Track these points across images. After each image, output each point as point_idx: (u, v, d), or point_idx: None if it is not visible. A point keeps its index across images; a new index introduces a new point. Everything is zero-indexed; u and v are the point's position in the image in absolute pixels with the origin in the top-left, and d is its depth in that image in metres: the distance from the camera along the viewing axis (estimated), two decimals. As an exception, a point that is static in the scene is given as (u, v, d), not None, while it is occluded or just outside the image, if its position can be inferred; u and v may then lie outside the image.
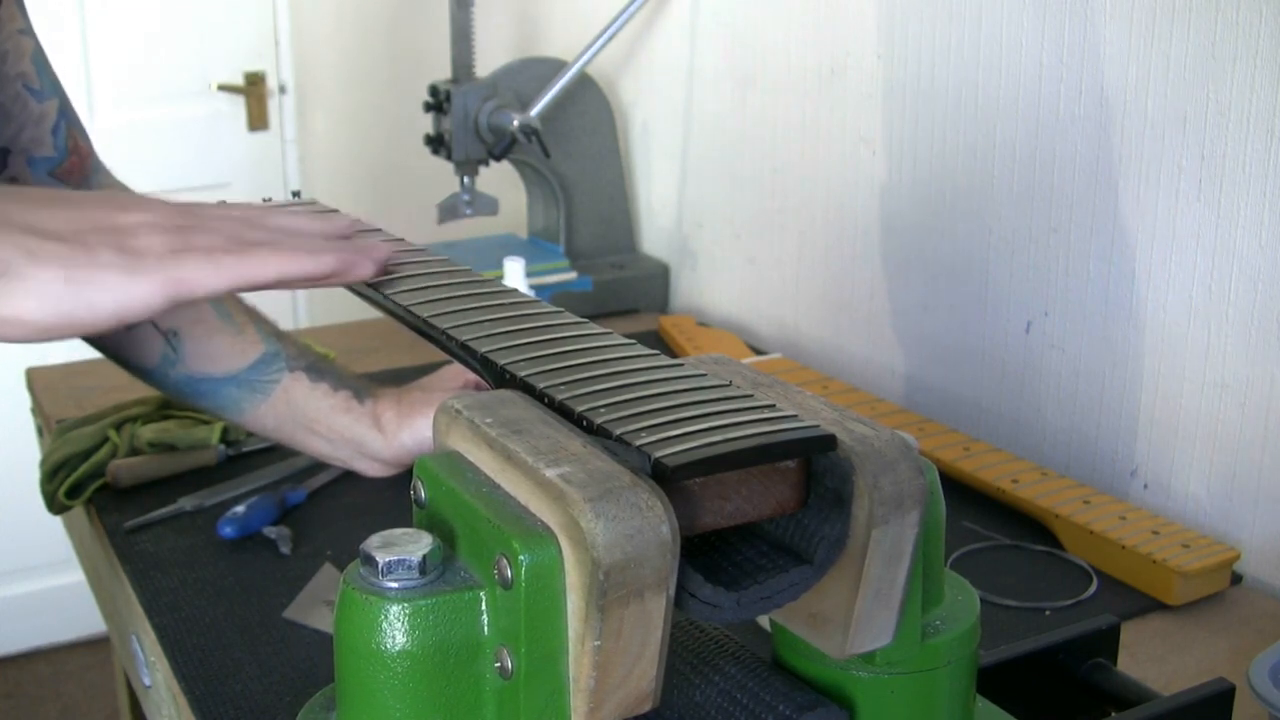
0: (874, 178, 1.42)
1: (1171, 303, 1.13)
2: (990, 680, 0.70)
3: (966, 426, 1.34)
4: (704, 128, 1.69)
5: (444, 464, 0.55)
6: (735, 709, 0.58)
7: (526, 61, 1.72)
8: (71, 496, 1.19)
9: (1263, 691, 0.75)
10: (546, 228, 1.79)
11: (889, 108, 1.39)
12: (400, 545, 0.52)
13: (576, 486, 0.48)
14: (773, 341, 1.61)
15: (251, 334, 1.00)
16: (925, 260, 1.37)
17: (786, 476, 0.53)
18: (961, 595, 0.61)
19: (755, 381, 0.59)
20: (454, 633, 0.51)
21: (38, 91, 0.96)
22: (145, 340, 0.98)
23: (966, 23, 1.28)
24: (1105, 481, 1.20)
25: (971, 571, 1.03)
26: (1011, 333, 1.28)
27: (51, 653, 2.90)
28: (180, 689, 0.92)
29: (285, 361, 1.00)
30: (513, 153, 1.65)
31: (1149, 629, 0.99)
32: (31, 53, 0.96)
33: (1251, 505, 1.09)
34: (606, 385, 0.55)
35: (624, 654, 0.49)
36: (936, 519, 0.58)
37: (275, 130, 2.94)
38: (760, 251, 1.62)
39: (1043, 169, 1.22)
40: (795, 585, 0.53)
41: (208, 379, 0.99)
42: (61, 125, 0.98)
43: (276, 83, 2.91)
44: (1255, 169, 1.04)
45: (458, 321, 0.63)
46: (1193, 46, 1.07)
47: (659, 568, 0.48)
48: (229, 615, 1.01)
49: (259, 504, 1.14)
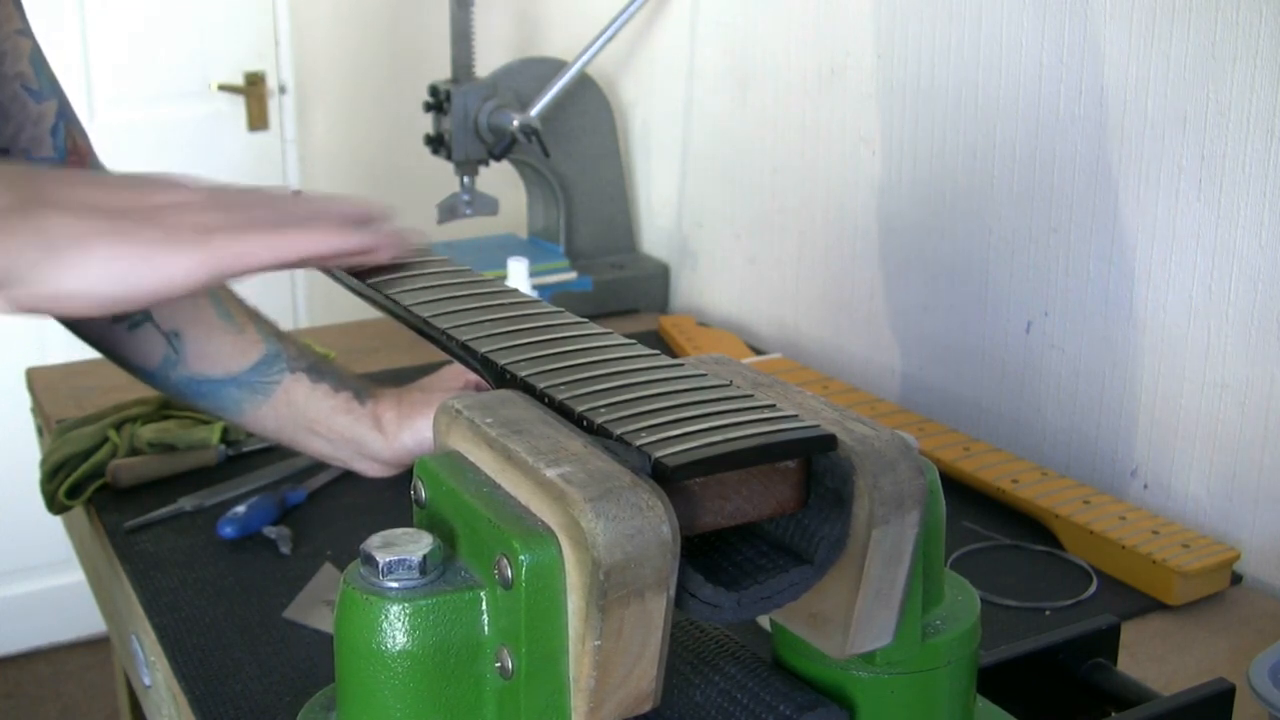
0: (874, 178, 1.42)
1: (1171, 303, 1.13)
2: (990, 680, 0.70)
3: (966, 426, 1.34)
4: (704, 128, 1.69)
5: (444, 464, 0.55)
6: (735, 709, 0.58)
7: (526, 61, 1.72)
8: (71, 496, 1.19)
9: (1263, 691, 0.75)
10: (546, 228, 1.79)
11: (889, 108, 1.39)
12: (400, 545, 0.52)
13: (577, 486, 0.48)
14: (773, 341, 1.61)
15: (252, 335, 1.00)
16: (925, 260, 1.37)
17: (787, 476, 0.53)
18: (961, 595, 0.61)
19: (755, 381, 0.59)
20: (454, 633, 0.51)
21: (36, 92, 0.96)
22: (147, 341, 0.98)
23: (966, 23, 1.28)
24: (1105, 481, 1.20)
25: (971, 571, 1.03)
26: (1011, 333, 1.28)
27: (51, 653, 2.90)
28: (180, 689, 0.92)
29: (286, 362, 1.00)
30: (513, 153, 1.65)
31: (1149, 629, 0.99)
32: (29, 53, 0.96)
33: (1251, 505, 1.09)
34: (607, 385, 0.55)
35: (624, 654, 0.49)
36: (936, 519, 0.58)
37: (275, 130, 2.94)
38: (760, 251, 1.62)
39: (1043, 169, 1.22)
40: (795, 585, 0.53)
41: (208, 380, 0.99)
42: (60, 126, 0.98)
43: (276, 83, 2.91)
44: (1255, 169, 1.04)
45: (458, 321, 0.63)
46: (1193, 46, 1.07)
47: (659, 568, 0.48)
48: (229, 615, 1.01)
49: (259, 504, 1.14)
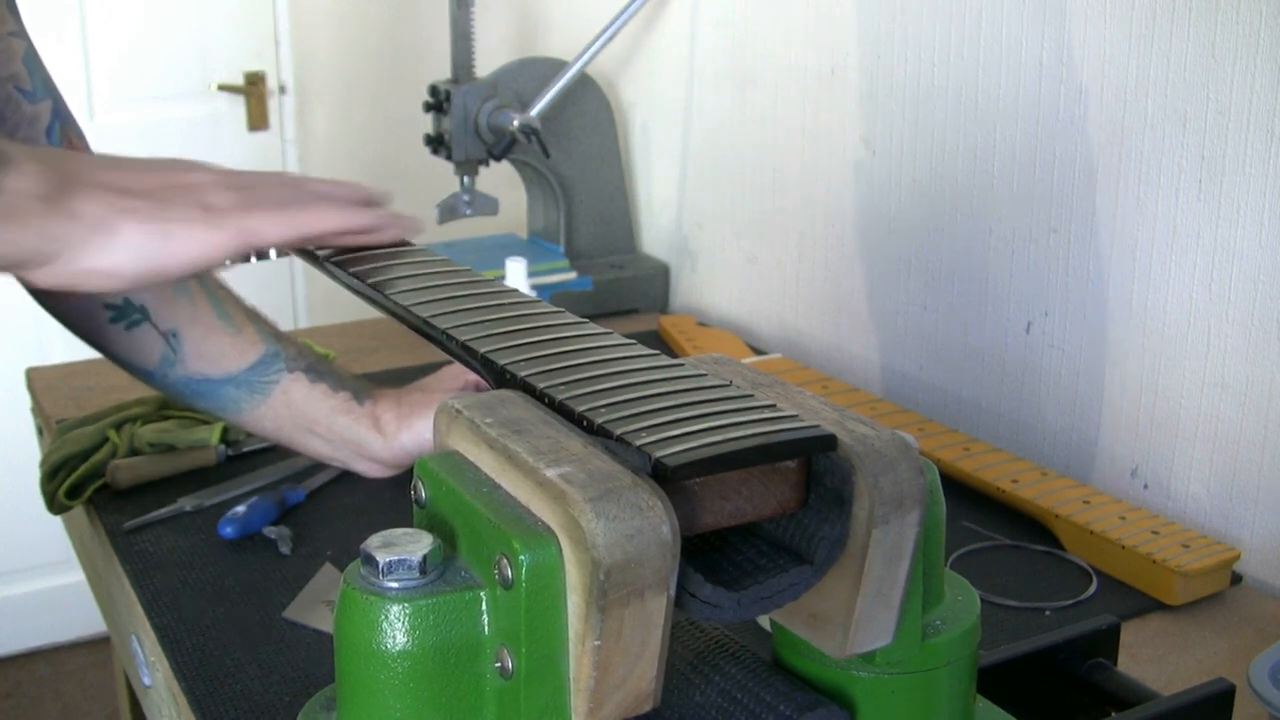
0: (874, 178, 1.42)
1: (1171, 303, 1.13)
2: (990, 680, 0.70)
3: (966, 426, 1.34)
4: (704, 128, 1.69)
5: (444, 464, 0.55)
6: (735, 709, 0.58)
7: (526, 61, 1.72)
8: (71, 496, 1.19)
9: (1263, 691, 0.75)
10: (546, 228, 1.79)
11: (889, 108, 1.39)
12: (400, 545, 0.52)
13: (577, 486, 0.48)
14: (773, 341, 1.61)
15: (251, 335, 1.00)
16: (925, 260, 1.37)
17: (787, 476, 0.53)
18: (961, 595, 0.61)
19: (755, 381, 0.59)
20: (454, 633, 0.51)
21: (30, 93, 0.96)
22: (145, 340, 0.98)
23: (966, 23, 1.28)
24: (1105, 481, 1.20)
25: (971, 571, 1.03)
26: (1011, 333, 1.28)
27: (51, 653, 2.90)
28: (180, 689, 0.92)
29: (284, 362, 1.00)
30: (513, 153, 1.65)
31: (1149, 629, 0.99)
32: (23, 54, 0.96)
33: (1251, 505, 1.09)
34: (606, 385, 0.55)
35: (624, 654, 0.49)
36: (936, 519, 0.58)
37: (275, 130, 2.93)
38: (760, 251, 1.62)
39: (1043, 169, 1.22)
40: (795, 585, 0.53)
41: (207, 380, 0.99)
42: (56, 126, 0.98)
43: (276, 83, 2.91)
44: (1255, 169, 1.04)
45: (458, 321, 0.63)
46: (1193, 46, 1.07)
47: (659, 568, 0.48)
48: (229, 615, 1.00)
49: (259, 504, 1.14)
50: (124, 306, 0.95)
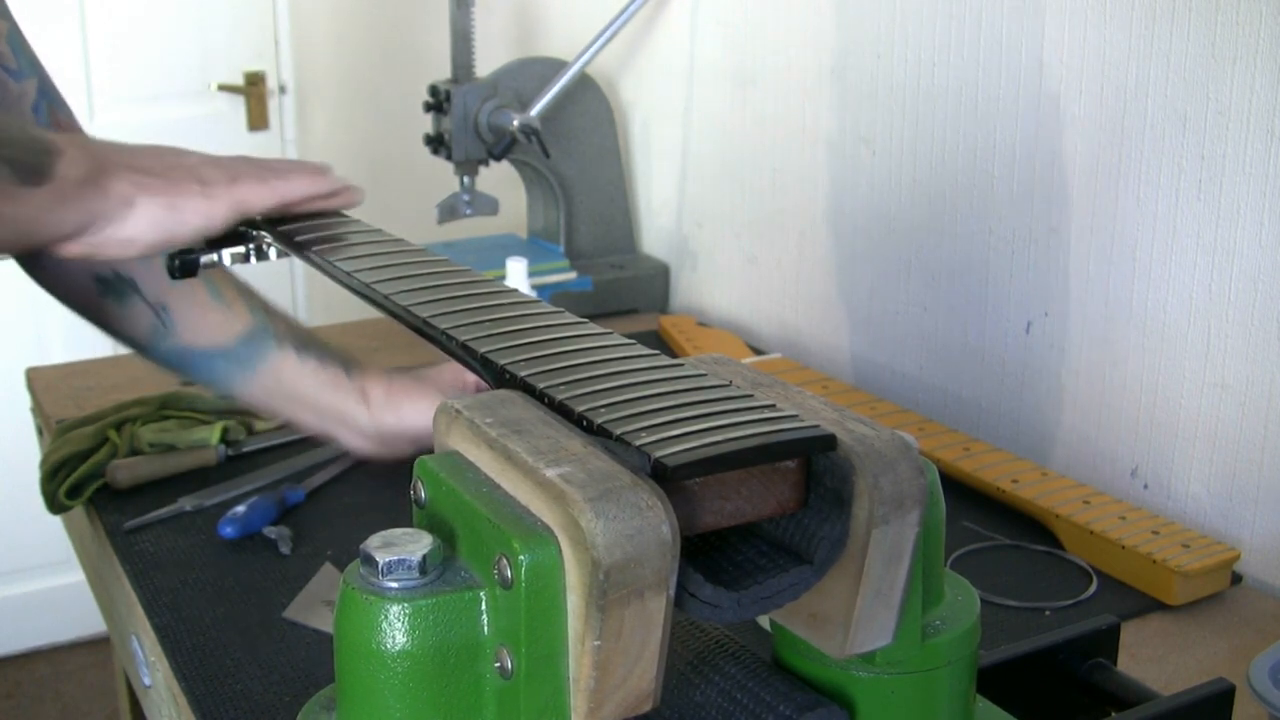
0: (874, 178, 1.42)
1: (1171, 303, 1.13)
2: (990, 680, 0.70)
3: (966, 426, 1.34)
4: (704, 128, 1.69)
5: (444, 464, 0.55)
6: (735, 709, 0.58)
7: (526, 61, 1.72)
8: (71, 496, 1.19)
9: (1263, 691, 0.75)
10: (546, 228, 1.79)
11: (889, 108, 1.39)
12: (400, 545, 0.52)
13: (576, 486, 0.48)
14: (773, 341, 1.61)
15: (240, 310, 1.01)
16: (925, 260, 1.37)
17: (786, 476, 0.53)
18: (961, 595, 0.61)
19: (755, 381, 0.59)
20: (454, 633, 0.51)
21: (15, 71, 0.96)
22: (136, 313, 1.00)
23: (966, 23, 1.28)
24: (1105, 481, 1.20)
25: (971, 571, 1.03)
26: (1011, 333, 1.28)
27: (51, 653, 2.90)
28: (180, 689, 0.92)
29: (273, 337, 1.01)
30: (513, 153, 1.65)
31: (1149, 629, 0.99)
32: (7, 34, 0.96)
33: (1251, 505, 1.09)
34: (606, 385, 0.55)
35: (624, 654, 0.49)
36: (936, 519, 0.58)
37: (275, 130, 2.94)
38: (760, 251, 1.62)
39: (1043, 169, 1.22)
40: (795, 585, 0.53)
41: (197, 352, 1.01)
42: (42, 104, 0.98)
43: (276, 83, 2.91)
44: (1255, 169, 1.04)
45: (458, 321, 0.63)
46: (1193, 46, 1.07)
47: (659, 568, 0.48)
48: (229, 615, 1.01)
49: (259, 504, 1.14)
50: (113, 280, 0.97)
